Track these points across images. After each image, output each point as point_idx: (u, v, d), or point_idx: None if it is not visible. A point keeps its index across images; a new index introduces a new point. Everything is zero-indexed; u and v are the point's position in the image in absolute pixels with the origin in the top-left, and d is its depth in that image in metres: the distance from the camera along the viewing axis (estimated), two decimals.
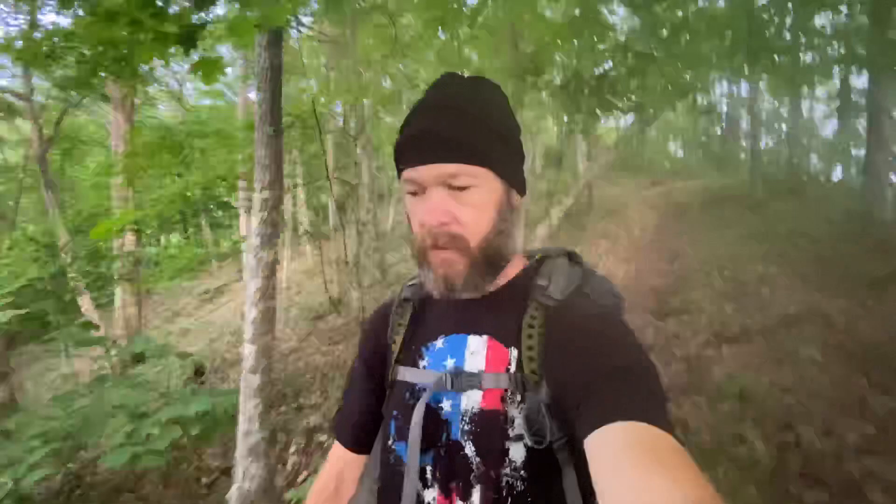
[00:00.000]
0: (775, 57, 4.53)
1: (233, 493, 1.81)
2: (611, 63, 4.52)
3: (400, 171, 0.58)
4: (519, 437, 0.52)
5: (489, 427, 0.54)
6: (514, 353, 0.55)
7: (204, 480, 2.43)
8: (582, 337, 0.51)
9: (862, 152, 7.30)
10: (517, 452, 0.52)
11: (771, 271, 4.71)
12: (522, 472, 0.52)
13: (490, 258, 0.56)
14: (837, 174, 13.64)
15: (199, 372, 4.39)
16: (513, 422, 0.53)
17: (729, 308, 4.13)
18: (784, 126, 16.62)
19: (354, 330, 5.03)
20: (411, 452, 0.55)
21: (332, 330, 5.47)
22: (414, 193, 0.57)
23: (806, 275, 4.33)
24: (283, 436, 3.08)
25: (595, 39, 3.86)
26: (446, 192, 0.54)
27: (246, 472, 1.92)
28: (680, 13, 4.29)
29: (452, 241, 0.54)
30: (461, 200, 0.54)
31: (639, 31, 5.09)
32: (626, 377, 0.45)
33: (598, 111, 4.37)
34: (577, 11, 3.87)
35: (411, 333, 0.65)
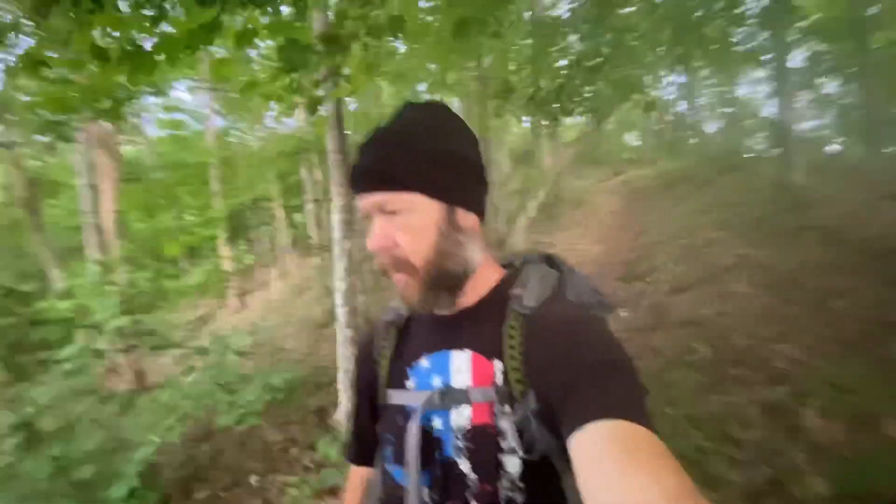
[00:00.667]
0: (708, 46, 5.54)
1: (340, 413, 2.51)
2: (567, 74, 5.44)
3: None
4: (512, 450, 0.53)
5: (482, 442, 0.54)
6: (499, 365, 0.56)
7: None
8: (558, 340, 0.52)
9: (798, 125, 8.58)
10: (512, 465, 0.53)
11: (714, 235, 5.68)
12: (520, 483, 0.52)
13: (440, 279, 0.58)
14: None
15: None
16: (504, 434, 0.53)
17: (684, 266, 5.04)
18: (729, 109, 18.35)
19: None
20: (412, 477, 0.55)
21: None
22: (365, 219, 0.60)
23: (741, 234, 5.31)
24: None
25: (554, 62, 4.73)
26: (385, 218, 0.57)
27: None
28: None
29: (397, 265, 0.57)
30: (398, 225, 0.56)
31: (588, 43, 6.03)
32: (604, 375, 0.46)
33: (559, 116, 5.26)
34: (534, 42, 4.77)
35: (396, 355, 0.66)
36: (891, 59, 9.97)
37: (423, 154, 0.56)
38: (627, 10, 4.98)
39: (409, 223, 0.56)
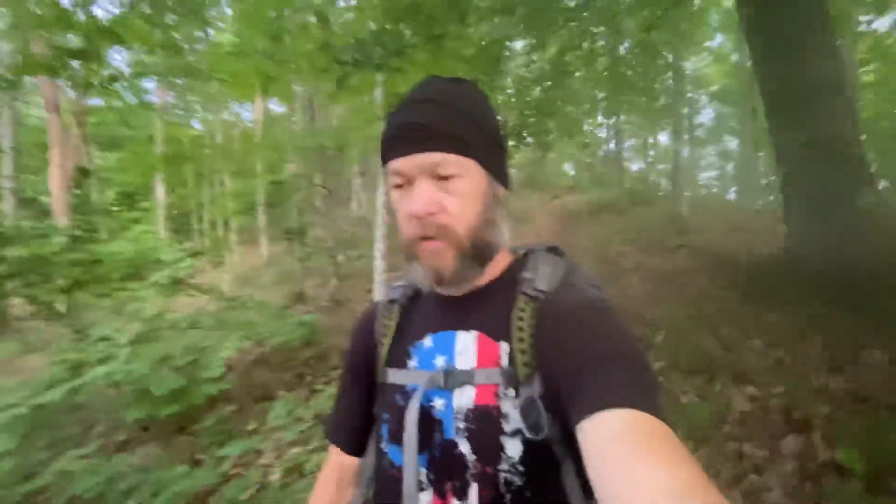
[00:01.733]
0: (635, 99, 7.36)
1: None
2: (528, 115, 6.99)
3: (385, 164, 0.58)
4: (514, 433, 0.53)
5: (484, 423, 0.54)
6: (506, 347, 0.56)
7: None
8: (573, 327, 0.51)
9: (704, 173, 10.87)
10: (513, 448, 0.53)
11: (623, 249, 7.43)
12: (520, 467, 0.52)
13: (479, 248, 0.57)
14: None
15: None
16: (507, 417, 0.53)
17: (600, 268, 6.67)
18: (651, 152, 21.57)
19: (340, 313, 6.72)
20: (408, 455, 0.54)
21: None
22: (399, 186, 0.57)
23: (641, 249, 7.09)
24: None
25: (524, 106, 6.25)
26: (432, 182, 0.55)
27: None
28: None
29: (441, 231, 0.55)
30: (447, 190, 0.55)
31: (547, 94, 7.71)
32: (617, 364, 0.46)
33: (519, 146, 6.77)
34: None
35: (399, 334, 0.65)
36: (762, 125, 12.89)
37: (479, 124, 0.56)
38: (577, 73, 6.65)
39: (460, 188, 0.55)
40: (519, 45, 6.53)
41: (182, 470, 2.26)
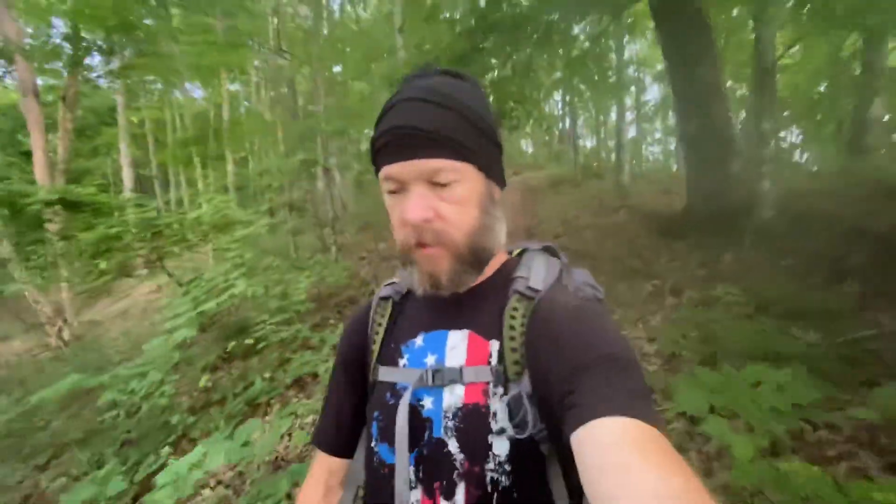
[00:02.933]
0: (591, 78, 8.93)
1: None
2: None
3: (377, 168, 0.56)
4: (502, 431, 0.53)
5: (472, 422, 0.54)
6: (496, 345, 0.56)
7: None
8: (566, 329, 0.51)
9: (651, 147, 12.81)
10: (501, 447, 0.53)
11: (578, 213, 9.16)
12: (507, 466, 0.52)
13: (476, 254, 0.57)
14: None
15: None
16: (495, 415, 0.53)
17: (559, 228, 8.34)
18: (601, 129, 23.64)
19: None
20: (399, 454, 0.54)
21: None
22: (393, 192, 0.55)
23: (592, 212, 8.82)
24: None
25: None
26: (428, 188, 0.53)
27: None
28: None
29: (437, 238, 0.54)
30: (444, 196, 0.53)
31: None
32: (612, 370, 0.45)
33: None
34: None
35: (391, 332, 0.66)
36: None
37: (475, 124, 0.54)
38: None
39: (457, 195, 0.54)
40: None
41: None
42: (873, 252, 3.38)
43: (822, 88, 9.06)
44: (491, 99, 8.14)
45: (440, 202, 0.54)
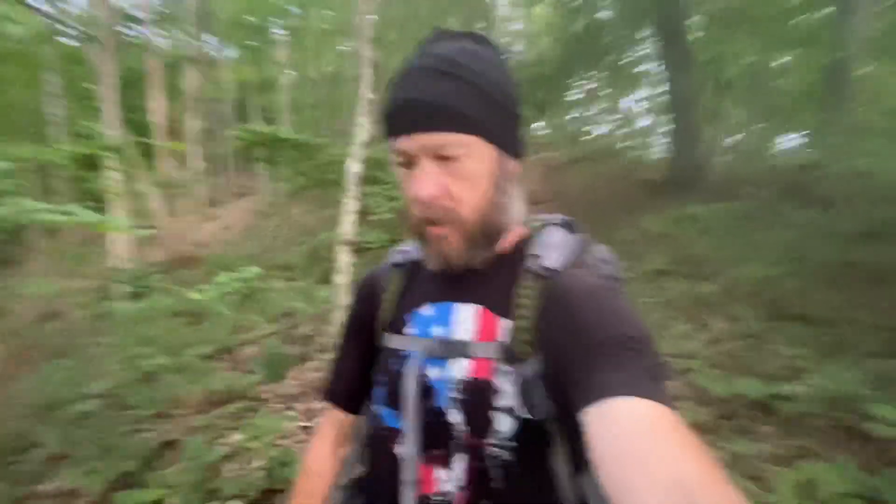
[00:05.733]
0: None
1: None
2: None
3: (387, 140, 0.56)
4: (507, 409, 0.53)
5: (476, 396, 0.55)
6: (507, 323, 0.56)
7: None
8: (581, 308, 0.51)
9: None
10: (504, 423, 0.53)
11: (591, 182, 11.52)
12: (509, 442, 0.53)
13: (486, 231, 0.57)
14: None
15: None
16: (501, 392, 0.54)
17: (577, 196, 10.70)
18: (614, 116, 25.57)
19: None
20: (407, 421, 0.57)
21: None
22: (404, 165, 0.55)
23: (603, 183, 11.18)
24: None
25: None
26: (437, 163, 0.53)
27: None
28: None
29: (447, 216, 0.54)
30: (452, 172, 0.53)
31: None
32: (627, 350, 0.45)
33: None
34: None
35: (399, 299, 0.67)
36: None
37: (488, 93, 0.53)
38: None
39: (466, 170, 0.53)
40: None
41: None
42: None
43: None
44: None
45: (449, 178, 0.53)
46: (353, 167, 4.14)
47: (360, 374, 0.70)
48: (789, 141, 8.20)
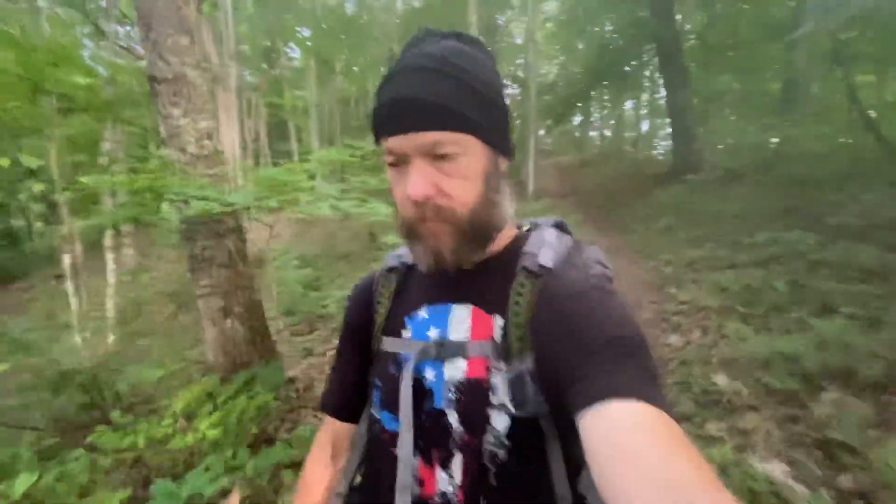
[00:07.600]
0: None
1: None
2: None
3: (378, 140, 0.55)
4: (501, 406, 0.53)
5: (472, 395, 0.55)
6: (500, 321, 0.56)
7: None
8: (575, 309, 0.50)
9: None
10: (500, 421, 0.53)
11: (600, 181, 13.23)
12: (505, 441, 0.53)
13: (480, 230, 0.56)
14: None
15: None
16: (495, 390, 0.54)
17: (588, 189, 12.47)
18: (612, 121, 27.34)
19: None
20: (404, 425, 0.56)
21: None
22: (395, 164, 0.54)
23: (609, 181, 12.95)
24: None
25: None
26: (429, 162, 0.52)
27: None
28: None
29: (440, 214, 0.53)
30: (446, 171, 0.52)
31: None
32: (621, 352, 0.45)
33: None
34: None
35: (395, 303, 0.66)
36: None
37: (480, 92, 0.52)
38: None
39: (460, 169, 0.52)
40: None
41: None
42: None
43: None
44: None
45: (442, 177, 0.52)
46: None
47: (357, 382, 0.71)
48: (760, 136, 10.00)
